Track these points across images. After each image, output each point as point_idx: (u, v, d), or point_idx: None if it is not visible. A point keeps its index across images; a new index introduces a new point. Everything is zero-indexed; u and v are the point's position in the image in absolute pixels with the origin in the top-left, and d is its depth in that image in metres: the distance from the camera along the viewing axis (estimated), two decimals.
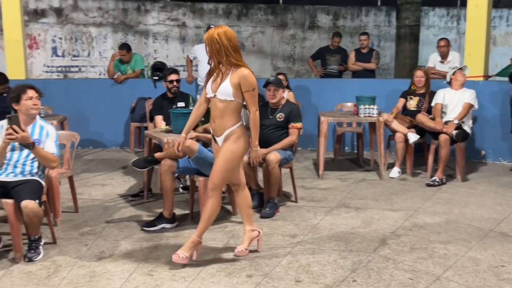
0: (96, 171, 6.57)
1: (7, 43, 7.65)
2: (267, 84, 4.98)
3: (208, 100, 3.67)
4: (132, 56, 8.15)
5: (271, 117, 4.98)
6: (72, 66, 9.47)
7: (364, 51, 8.20)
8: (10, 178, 3.76)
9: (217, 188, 3.57)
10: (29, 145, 3.63)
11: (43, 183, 3.87)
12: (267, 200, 4.78)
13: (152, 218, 4.51)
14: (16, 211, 3.65)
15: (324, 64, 8.50)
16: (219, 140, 3.60)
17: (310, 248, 3.97)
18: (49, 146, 3.82)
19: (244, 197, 3.84)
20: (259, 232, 3.90)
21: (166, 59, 9.42)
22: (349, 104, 6.92)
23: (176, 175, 4.55)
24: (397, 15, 9.29)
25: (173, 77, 5.63)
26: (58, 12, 9.27)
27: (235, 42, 3.47)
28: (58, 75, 9.40)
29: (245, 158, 4.72)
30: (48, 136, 3.87)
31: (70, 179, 4.83)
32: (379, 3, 11.11)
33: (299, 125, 4.95)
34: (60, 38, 9.33)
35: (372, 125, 6.43)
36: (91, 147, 8.07)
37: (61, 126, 6.70)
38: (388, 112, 6.26)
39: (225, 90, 3.48)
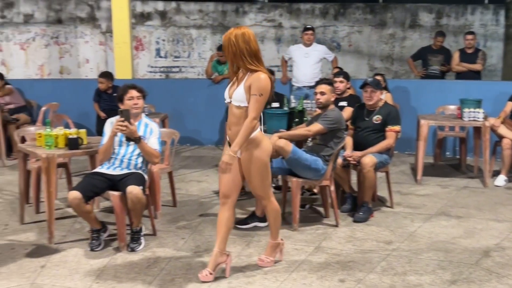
0: (193, 167, 6.80)
1: (116, 45, 8.17)
2: (364, 85, 4.87)
3: None
4: None
5: (367, 119, 4.86)
6: (174, 67, 9.90)
7: (470, 51, 7.74)
8: (117, 172, 4.01)
9: (266, 195, 3.47)
10: (136, 139, 3.86)
11: (146, 177, 4.08)
12: (361, 204, 4.68)
13: (244, 216, 4.58)
14: (121, 203, 3.89)
15: (426, 65, 8.14)
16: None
17: (406, 256, 3.82)
18: (153, 143, 4.02)
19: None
20: (227, 256, 3.51)
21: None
22: (452, 107, 6.56)
23: None
24: (506, 13, 8.69)
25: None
26: (162, 15, 9.74)
27: (254, 46, 3.17)
28: (160, 75, 9.88)
29: (340, 160, 4.68)
30: (152, 133, 4.08)
31: (170, 174, 5.05)
32: (486, 1, 10.44)
33: (397, 128, 4.79)
34: (163, 40, 9.80)
35: (477, 130, 6.06)
36: (189, 144, 8.38)
37: (162, 123, 7.02)
38: (495, 117, 5.86)
39: (239, 95, 3.22)
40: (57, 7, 9.59)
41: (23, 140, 4.83)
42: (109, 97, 7.34)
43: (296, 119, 4.97)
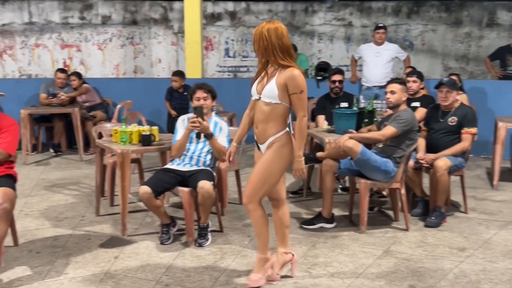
0: None
1: (187, 45, 8.37)
2: (439, 85, 4.68)
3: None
4: (297, 56, 8.33)
5: (441, 120, 4.67)
6: (242, 66, 10.00)
7: None
8: (187, 168, 4.11)
9: (252, 201, 3.17)
10: (208, 135, 3.93)
11: (214, 174, 4.15)
12: (433, 209, 4.51)
13: (310, 217, 4.55)
14: (190, 199, 3.98)
15: (504, 65, 7.72)
16: (262, 148, 3.22)
17: (480, 264, 3.64)
18: (222, 141, 4.09)
19: (282, 215, 3.37)
20: (293, 255, 3.43)
21: (330, 59, 9.43)
22: None
23: (336, 175, 4.54)
24: None
25: (336, 77, 5.62)
26: (232, 15, 9.87)
27: (286, 41, 3.05)
28: (228, 75, 10.01)
29: (411, 162, 4.54)
30: (221, 131, 4.15)
31: (237, 172, 5.10)
32: None
33: (473, 130, 4.57)
34: (232, 40, 9.93)
35: None
36: (254, 143, 8.43)
37: (230, 122, 7.11)
38: None
39: (270, 92, 3.08)
40: (133, 9, 9.96)
41: (100, 136, 5.06)
42: (180, 95, 7.55)
43: (366, 120, 4.87)
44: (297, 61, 8.25)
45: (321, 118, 5.58)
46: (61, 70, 7.76)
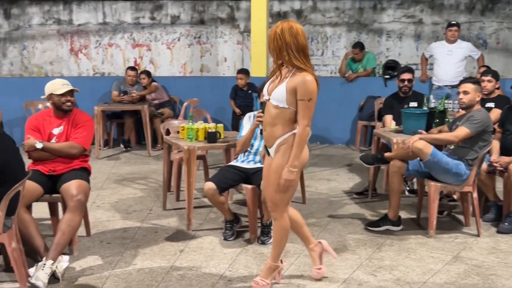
0: (323, 166, 6.78)
1: (253, 44, 8.42)
2: None
3: None
4: (365, 55, 8.18)
5: None
6: None
7: None
8: (251, 165, 4.13)
9: (278, 208, 3.07)
10: None
11: None
12: (507, 214, 4.28)
13: (375, 218, 4.45)
14: (254, 196, 4.00)
15: None
16: (271, 151, 3.06)
17: None
18: None
19: (293, 218, 3.24)
20: (321, 243, 3.39)
21: (399, 57, 9.18)
22: None
23: (404, 177, 4.41)
24: None
25: (405, 76, 5.46)
26: (298, 13, 9.82)
27: (302, 41, 2.89)
28: None
29: (484, 165, 4.32)
30: None
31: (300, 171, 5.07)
32: None
33: None
34: None
35: None
36: (318, 142, 8.37)
37: None
38: None
39: (279, 95, 2.93)
40: (201, 9, 10.15)
41: (167, 132, 5.20)
42: (244, 94, 7.62)
43: (436, 120, 4.69)
44: (364, 60, 8.12)
45: (388, 118, 5.44)
46: (131, 68, 8.06)
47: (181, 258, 3.72)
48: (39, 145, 3.75)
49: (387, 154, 4.35)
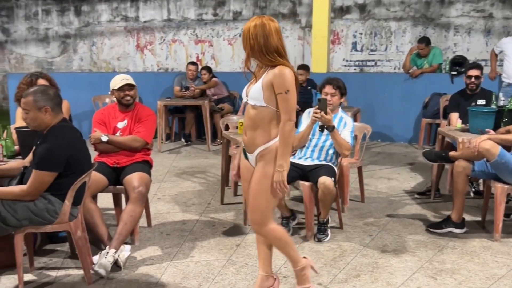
0: (383, 164, 6.63)
1: (314, 39, 8.36)
2: None
3: None
4: (431, 50, 7.91)
5: None
6: (369, 61, 9.74)
7: None
8: (308, 162, 4.10)
9: (261, 225, 2.79)
10: (329, 127, 3.90)
11: (336, 170, 4.09)
12: None
13: (438, 220, 4.31)
14: (311, 193, 3.97)
15: None
16: (251, 158, 2.81)
17: None
18: (345, 135, 4.01)
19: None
20: (275, 279, 3.07)
21: (467, 52, 8.80)
22: None
23: (469, 177, 4.23)
24: None
25: (472, 72, 5.23)
26: (362, 8, 9.63)
27: (276, 41, 2.67)
28: (355, 69, 9.82)
29: None
30: (345, 126, 4.08)
31: (359, 169, 4.98)
32: None
33: None
34: (361, 34, 9.70)
35: None
36: (380, 140, 8.19)
37: (354, 118, 6.97)
38: None
39: (255, 92, 2.71)
40: (263, 4, 10.18)
41: (226, 127, 5.26)
42: (303, 90, 7.57)
43: (505, 119, 4.46)
44: (430, 55, 7.86)
45: (454, 116, 5.23)
46: (192, 63, 8.23)
47: (238, 253, 3.76)
48: (104, 138, 3.90)
49: (452, 153, 4.19)
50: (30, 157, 3.29)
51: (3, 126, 3.84)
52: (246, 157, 2.86)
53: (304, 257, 3.02)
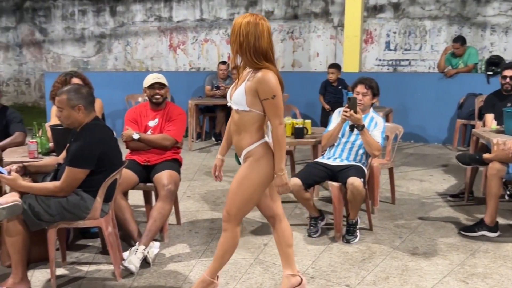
0: (415, 165, 6.52)
1: (346, 38, 8.29)
2: None
3: None
4: (466, 50, 7.74)
5: None
6: (402, 60, 9.60)
7: None
8: (337, 163, 4.07)
9: (231, 219, 2.78)
10: (359, 126, 3.86)
11: (366, 171, 4.04)
12: None
13: (471, 223, 4.21)
14: (340, 194, 3.94)
15: None
16: (241, 160, 2.80)
17: None
18: (375, 135, 3.97)
19: (282, 232, 2.91)
20: (301, 279, 2.96)
21: (504, 52, 8.57)
22: None
23: (503, 180, 4.11)
24: None
25: (508, 72, 5.10)
26: (396, 7, 9.50)
27: (266, 44, 2.60)
28: (388, 69, 9.69)
29: None
30: (376, 126, 4.03)
31: (390, 170, 4.92)
32: None
33: None
34: (394, 33, 9.56)
35: None
36: (412, 141, 8.06)
37: (386, 118, 6.88)
38: None
39: (238, 97, 2.67)
40: (295, 4, 10.16)
41: None
42: (334, 89, 7.53)
43: None
44: (466, 55, 7.68)
45: (489, 117, 5.10)
46: (223, 62, 8.28)
47: (265, 252, 3.77)
48: (136, 136, 3.97)
49: (486, 155, 4.09)
50: (63, 154, 3.37)
51: (38, 124, 3.95)
52: (238, 161, 2.83)
53: (217, 277, 2.93)
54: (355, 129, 3.92)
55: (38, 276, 3.36)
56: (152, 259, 3.53)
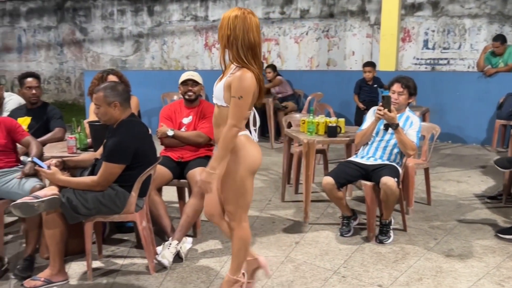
0: (453, 166, 6.38)
1: (382, 37, 8.18)
2: None
3: None
4: (506, 48, 7.52)
5: None
6: (441, 59, 9.40)
7: None
8: (371, 162, 4.03)
9: (234, 217, 2.76)
10: (393, 125, 3.81)
11: (400, 170, 3.99)
12: None
13: (508, 225, 4.10)
14: (373, 193, 3.90)
15: None
16: None
17: None
18: (410, 134, 3.90)
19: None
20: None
21: None
22: None
23: None
24: None
25: None
26: (434, 5, 9.31)
27: (254, 38, 2.57)
28: (426, 68, 9.50)
29: None
30: (411, 125, 3.97)
31: (426, 171, 4.83)
32: None
33: None
34: (433, 31, 9.37)
35: None
36: (450, 141, 7.89)
37: (423, 117, 6.76)
38: None
39: (217, 92, 2.66)
40: (331, 2, 10.09)
41: (289, 125, 5.26)
42: (369, 88, 7.44)
43: None
44: (506, 54, 7.48)
45: None
46: None
47: (296, 250, 3.77)
48: (170, 133, 4.03)
49: None
50: (101, 150, 3.46)
51: (77, 120, 4.07)
52: None
53: (243, 273, 2.92)
54: (390, 128, 3.87)
55: (75, 268, 3.46)
56: (185, 254, 3.58)
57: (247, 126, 2.77)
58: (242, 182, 2.68)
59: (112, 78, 4.29)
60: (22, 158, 3.86)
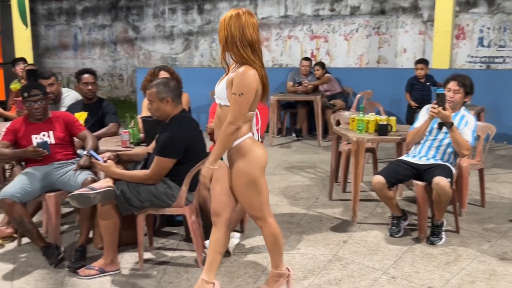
0: (508, 168, 6.15)
1: (436, 34, 7.97)
2: None
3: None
4: None
5: None
6: (497, 57, 9.05)
7: None
8: (423, 161, 3.93)
9: (259, 217, 2.77)
10: (447, 124, 3.71)
11: (454, 171, 3.88)
12: None
13: None
14: (425, 194, 3.81)
15: None
16: (224, 158, 2.72)
17: None
18: (465, 134, 3.79)
19: (218, 238, 2.81)
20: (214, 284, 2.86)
21: None
22: None
23: None
24: None
25: None
26: (490, 1, 8.96)
27: (250, 34, 2.55)
28: (480, 66, 9.18)
29: None
30: (466, 124, 3.85)
31: (480, 172, 4.67)
32: None
33: None
34: (488, 28, 9.03)
35: None
36: (506, 142, 7.60)
37: (478, 117, 6.54)
38: None
39: (220, 91, 2.63)
40: None
41: (338, 123, 5.22)
42: (421, 86, 7.27)
43: None
44: None
45: None
46: (305, 58, 8.26)
47: (344, 249, 3.73)
48: None
49: None
50: (153, 144, 3.54)
51: (131, 116, 4.18)
52: (221, 158, 2.75)
53: (287, 268, 2.98)
54: (444, 127, 3.77)
55: (127, 258, 3.57)
56: (233, 249, 3.62)
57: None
58: (256, 181, 2.68)
59: (163, 74, 4.38)
60: (78, 151, 4.00)
